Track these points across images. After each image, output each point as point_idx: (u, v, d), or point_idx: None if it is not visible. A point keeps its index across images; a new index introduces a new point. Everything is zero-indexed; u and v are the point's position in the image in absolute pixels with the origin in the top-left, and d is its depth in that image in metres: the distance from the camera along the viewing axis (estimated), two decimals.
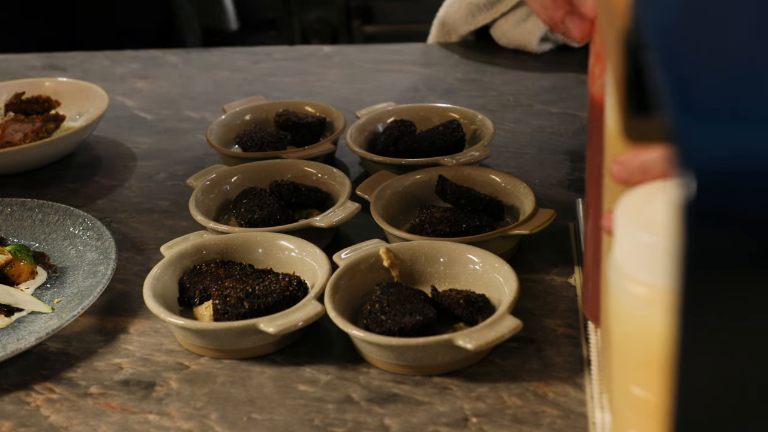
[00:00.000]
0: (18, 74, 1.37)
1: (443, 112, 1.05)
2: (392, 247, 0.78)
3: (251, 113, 1.09)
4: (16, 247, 0.87)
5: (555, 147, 1.05)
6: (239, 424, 0.67)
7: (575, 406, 0.66)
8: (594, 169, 0.67)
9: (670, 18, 0.38)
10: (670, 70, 0.35)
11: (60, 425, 0.69)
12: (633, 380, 0.51)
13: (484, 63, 1.31)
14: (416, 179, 0.90)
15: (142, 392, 0.71)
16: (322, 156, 1.00)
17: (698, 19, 0.39)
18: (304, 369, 0.72)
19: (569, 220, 0.88)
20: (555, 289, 0.80)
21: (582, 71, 1.23)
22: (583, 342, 0.72)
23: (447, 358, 0.69)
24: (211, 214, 0.90)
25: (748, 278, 0.33)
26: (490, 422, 0.65)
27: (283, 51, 1.44)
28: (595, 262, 0.69)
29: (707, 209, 0.31)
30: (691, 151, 0.31)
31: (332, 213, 0.85)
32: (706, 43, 0.37)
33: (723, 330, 0.34)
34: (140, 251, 0.90)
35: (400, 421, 0.66)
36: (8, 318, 0.80)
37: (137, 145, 1.14)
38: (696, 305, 0.33)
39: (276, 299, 0.74)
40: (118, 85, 1.32)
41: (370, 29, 2.35)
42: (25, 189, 1.04)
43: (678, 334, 0.34)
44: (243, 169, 0.95)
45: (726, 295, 0.33)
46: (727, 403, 0.36)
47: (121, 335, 0.78)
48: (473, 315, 0.73)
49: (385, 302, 0.72)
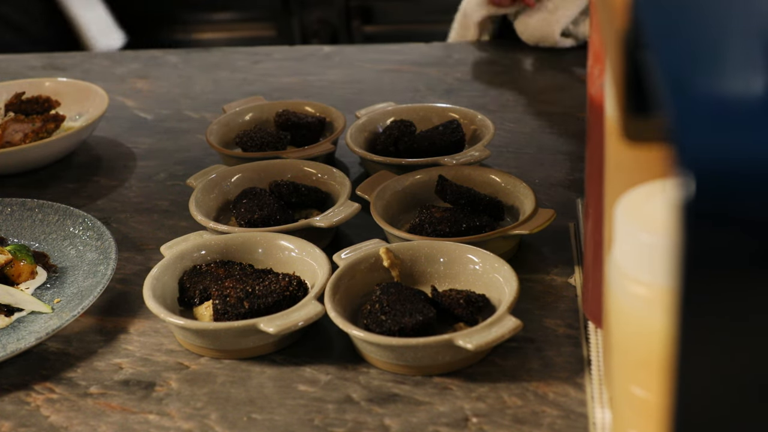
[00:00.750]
0: (18, 74, 1.37)
1: (443, 112, 1.05)
2: (392, 247, 0.78)
3: (251, 113, 1.09)
4: (16, 247, 0.87)
5: (555, 147, 1.05)
6: (239, 424, 0.67)
7: (575, 406, 0.66)
8: (594, 169, 0.67)
9: (668, 18, 0.38)
10: (668, 70, 0.35)
11: (60, 425, 0.69)
12: (633, 380, 0.51)
13: (484, 63, 1.31)
14: (416, 179, 0.90)
15: (142, 392, 0.71)
16: (322, 156, 0.99)
17: (697, 20, 0.39)
18: (304, 369, 0.72)
19: (569, 220, 0.88)
20: (555, 289, 0.80)
21: (582, 71, 1.23)
22: (584, 342, 0.72)
23: (447, 358, 0.69)
24: (211, 214, 0.90)
25: (747, 278, 0.33)
26: (490, 422, 0.65)
27: (283, 51, 1.44)
28: (596, 262, 0.69)
29: (706, 209, 0.31)
30: (690, 151, 0.31)
31: (332, 213, 0.85)
32: (704, 44, 0.37)
33: (722, 330, 0.34)
34: (140, 251, 0.90)
35: (400, 421, 0.66)
36: (8, 318, 0.80)
37: (137, 145, 1.14)
38: (695, 305, 0.33)
39: (276, 299, 0.74)
40: (118, 85, 1.32)
41: (370, 29, 2.35)
42: (25, 189, 1.04)
43: (677, 333, 0.34)
44: (243, 169, 0.95)
45: (725, 295, 0.33)
46: (725, 402, 0.36)
47: (121, 335, 0.78)
48: (473, 315, 0.73)
49: (385, 302, 0.72)
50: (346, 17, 2.34)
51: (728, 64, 0.36)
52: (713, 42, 0.37)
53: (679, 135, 0.32)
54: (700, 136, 0.32)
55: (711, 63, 0.36)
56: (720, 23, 0.39)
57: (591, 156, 0.68)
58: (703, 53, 0.36)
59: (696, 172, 0.31)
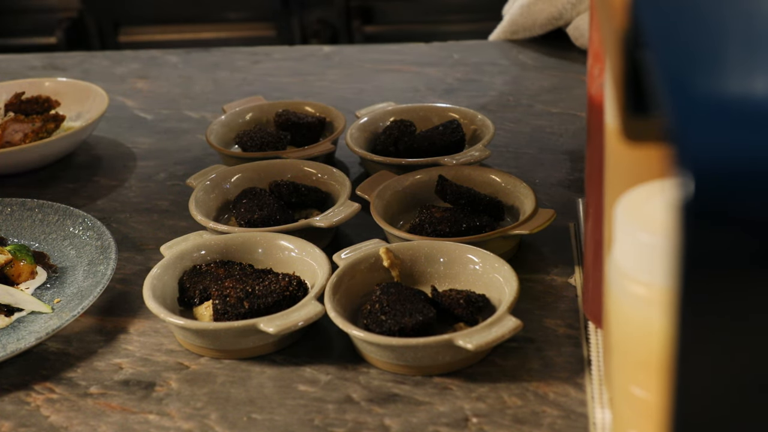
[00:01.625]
0: (18, 74, 1.37)
1: (443, 112, 1.05)
2: (392, 247, 0.78)
3: (251, 113, 1.09)
4: (16, 247, 0.87)
5: (555, 147, 1.05)
6: (239, 424, 0.67)
7: (576, 406, 0.66)
8: (594, 169, 0.67)
9: (668, 18, 0.38)
10: (668, 70, 0.35)
11: (60, 425, 0.69)
12: (633, 380, 0.51)
13: (484, 63, 1.31)
14: (416, 179, 0.90)
15: (142, 392, 0.71)
16: (322, 156, 0.99)
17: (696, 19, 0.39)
18: (304, 369, 0.72)
19: (569, 220, 0.88)
20: (555, 289, 0.80)
21: (582, 71, 1.23)
22: (584, 342, 0.72)
23: (447, 358, 0.69)
24: (211, 214, 0.90)
25: (746, 278, 0.33)
26: (490, 422, 0.65)
27: (283, 51, 1.44)
28: (596, 262, 0.69)
29: (705, 209, 0.31)
30: (689, 151, 0.31)
31: (332, 213, 0.85)
32: (703, 44, 0.37)
33: (720, 330, 0.34)
34: (140, 251, 0.90)
35: (401, 421, 0.66)
36: (8, 318, 0.80)
37: (137, 145, 1.14)
38: (694, 305, 0.33)
39: (276, 299, 0.74)
40: (118, 85, 1.32)
41: (370, 29, 2.35)
42: (25, 189, 1.04)
43: (676, 334, 0.34)
44: (243, 169, 0.95)
45: (724, 295, 0.33)
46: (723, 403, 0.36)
47: (121, 335, 0.78)
48: (473, 315, 0.73)
49: (385, 302, 0.72)
50: (346, 17, 2.34)
51: (727, 63, 0.36)
52: (712, 42, 0.37)
53: (678, 135, 0.32)
54: (699, 136, 0.32)
55: (710, 63, 0.36)
56: (719, 23, 0.39)
57: (591, 156, 0.68)
58: (702, 53, 0.36)
59: (695, 172, 0.31)
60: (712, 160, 0.31)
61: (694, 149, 0.31)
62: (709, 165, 0.31)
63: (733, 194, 0.31)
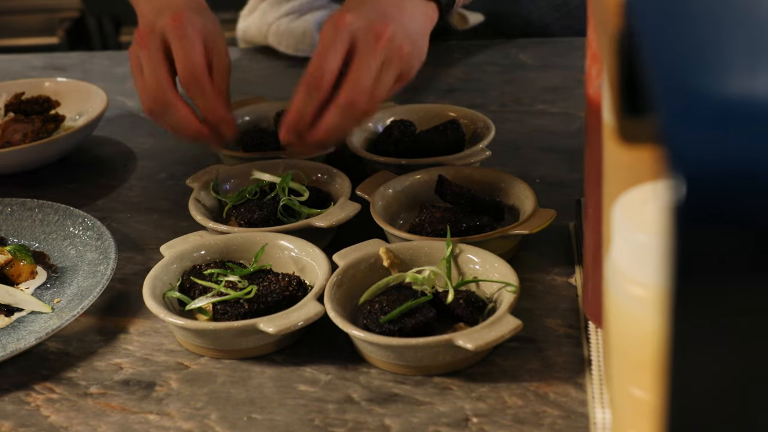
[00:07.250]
0: (18, 74, 1.37)
1: (443, 112, 1.05)
2: (392, 247, 0.78)
3: (251, 113, 1.09)
4: (16, 247, 0.87)
5: (555, 147, 1.05)
6: (239, 424, 0.67)
7: (576, 406, 0.66)
8: (593, 169, 0.67)
9: (662, 20, 0.38)
10: (660, 72, 0.35)
11: (60, 425, 0.69)
12: (632, 381, 0.51)
13: (484, 63, 1.31)
14: (416, 179, 0.90)
15: (142, 392, 0.71)
16: (322, 156, 1.00)
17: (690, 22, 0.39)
18: (304, 369, 0.72)
19: (569, 220, 0.88)
20: (555, 289, 0.80)
21: (581, 71, 1.23)
22: (584, 342, 0.72)
23: (447, 358, 0.69)
24: (211, 214, 0.91)
25: (738, 279, 0.33)
26: (490, 422, 0.65)
27: None
28: (596, 262, 0.69)
29: (697, 211, 0.31)
30: (682, 153, 0.31)
31: (332, 213, 0.85)
32: (698, 46, 0.37)
33: (713, 331, 0.34)
34: (140, 251, 0.90)
35: (401, 421, 0.66)
36: (8, 318, 0.80)
37: (137, 145, 1.14)
38: (686, 306, 0.33)
39: (276, 299, 0.75)
40: (118, 85, 1.32)
41: None
42: (25, 189, 1.04)
43: (669, 335, 0.34)
44: (243, 169, 0.95)
45: (716, 297, 0.33)
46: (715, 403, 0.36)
47: (121, 335, 0.78)
48: (473, 315, 0.73)
49: (385, 302, 0.72)
50: None
51: (721, 66, 0.36)
52: (706, 44, 0.37)
53: (671, 136, 0.32)
54: (692, 138, 0.32)
55: (704, 65, 0.36)
56: (713, 26, 0.39)
57: (590, 156, 0.68)
58: (696, 55, 0.36)
59: (687, 174, 0.31)
60: (703, 162, 0.31)
61: (685, 151, 0.31)
62: (700, 167, 0.31)
63: (724, 196, 0.31)
